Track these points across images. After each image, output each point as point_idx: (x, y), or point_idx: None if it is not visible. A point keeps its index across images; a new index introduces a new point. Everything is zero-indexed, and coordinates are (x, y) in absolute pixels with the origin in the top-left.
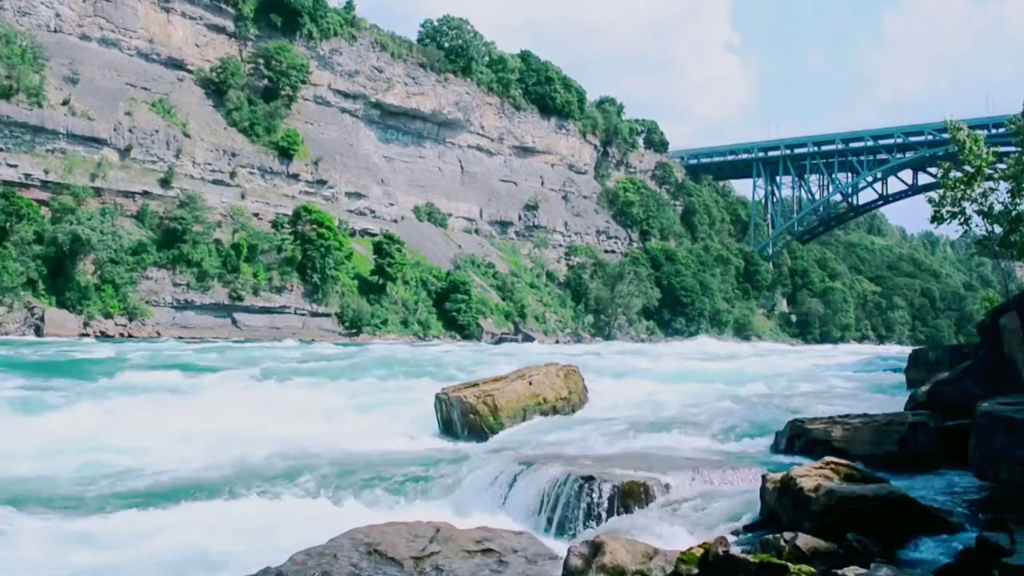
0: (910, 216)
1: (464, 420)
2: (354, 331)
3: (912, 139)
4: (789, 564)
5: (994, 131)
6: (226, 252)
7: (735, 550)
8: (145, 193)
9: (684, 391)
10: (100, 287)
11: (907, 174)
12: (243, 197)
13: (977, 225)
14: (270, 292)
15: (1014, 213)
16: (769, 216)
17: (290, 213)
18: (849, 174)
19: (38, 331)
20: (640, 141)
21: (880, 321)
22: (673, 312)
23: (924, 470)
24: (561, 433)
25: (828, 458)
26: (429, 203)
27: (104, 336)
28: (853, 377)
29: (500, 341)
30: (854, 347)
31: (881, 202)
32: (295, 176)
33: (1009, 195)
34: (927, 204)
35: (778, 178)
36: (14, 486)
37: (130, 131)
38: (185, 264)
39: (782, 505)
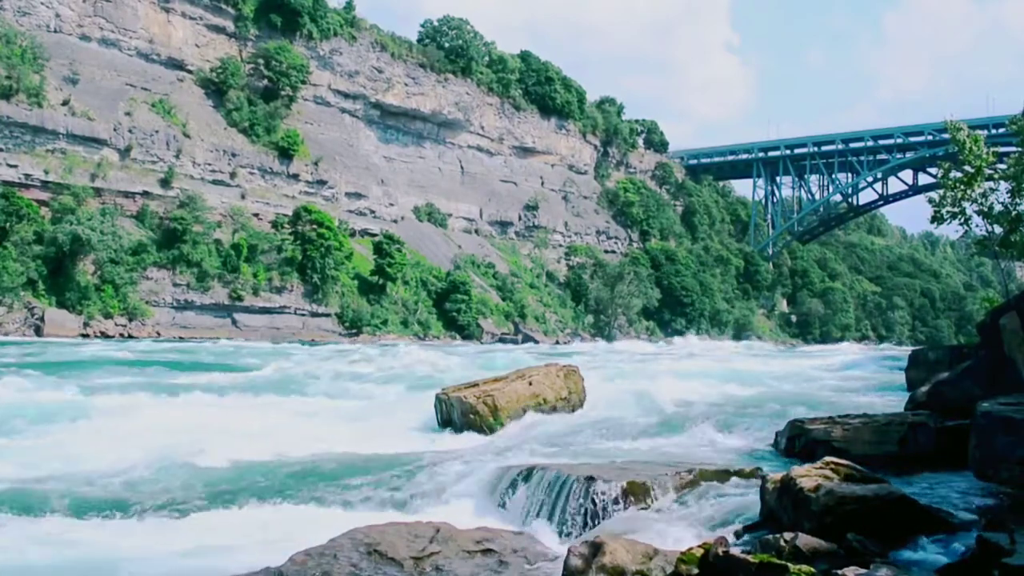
0: (910, 216)
1: (464, 420)
2: (354, 331)
3: (912, 139)
4: (789, 564)
5: (994, 131)
6: (226, 252)
7: (735, 550)
8: (145, 193)
9: (684, 391)
10: (100, 287)
11: (907, 174)
12: (243, 197)
13: (977, 225)
14: (270, 292)
15: (1014, 213)
16: (769, 216)
17: (290, 213)
18: (849, 174)
19: (38, 331)
20: (640, 141)
21: (880, 321)
22: (673, 312)
23: (924, 470)
24: (561, 433)
25: (828, 458)
26: (429, 203)
27: (104, 336)
28: (853, 377)
29: (500, 341)
30: (830, 347)
31: (881, 202)
32: (295, 176)
33: (1009, 195)
34: (927, 204)
35: (778, 178)
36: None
37: (130, 131)
38: (185, 264)
39: (782, 505)
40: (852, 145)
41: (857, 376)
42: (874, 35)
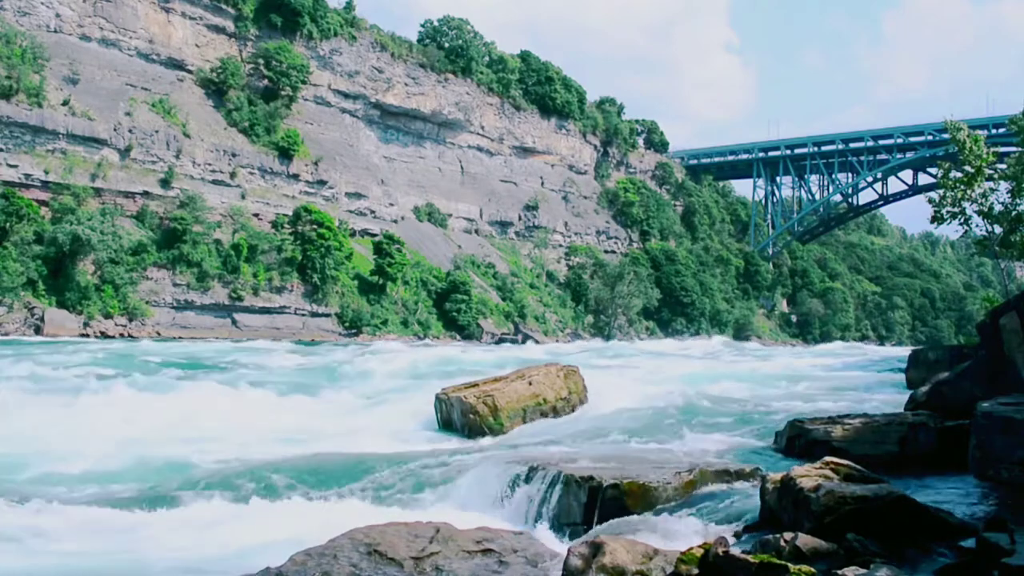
0: (910, 216)
1: (464, 420)
2: (354, 331)
3: (912, 139)
4: (789, 564)
5: (994, 131)
6: (226, 252)
7: (735, 550)
8: (145, 193)
9: (684, 392)
10: (100, 287)
11: (907, 174)
12: (243, 197)
13: (977, 225)
14: (270, 292)
15: (1014, 213)
16: (769, 216)
17: (290, 213)
18: (849, 174)
19: (38, 331)
20: (640, 141)
21: (880, 321)
22: (673, 312)
23: (924, 470)
24: (561, 433)
25: (828, 458)
26: (429, 203)
27: (104, 336)
28: (853, 377)
29: (500, 341)
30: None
31: (881, 202)
32: (295, 176)
33: (1009, 195)
34: (927, 204)
35: (778, 178)
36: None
37: (130, 131)
38: (185, 264)
39: (782, 505)
40: (852, 145)
41: (857, 376)
42: (873, 35)
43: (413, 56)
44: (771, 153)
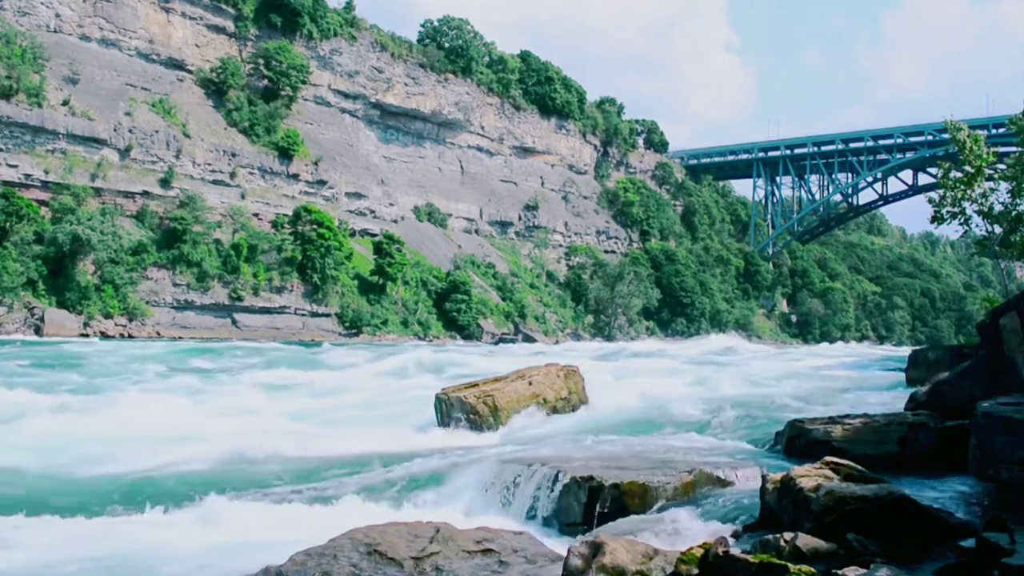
0: (910, 216)
1: (464, 420)
2: (354, 331)
3: (912, 139)
4: (789, 564)
5: (994, 131)
6: (226, 252)
7: (735, 550)
8: (145, 193)
9: (683, 392)
10: (100, 287)
11: (907, 174)
12: (243, 197)
13: (977, 225)
14: (270, 292)
15: (1014, 213)
16: (769, 216)
17: (290, 213)
18: (849, 174)
19: (38, 331)
20: (640, 141)
21: (880, 321)
22: (673, 312)
23: (924, 470)
24: (561, 433)
25: (828, 458)
26: (429, 203)
27: (104, 336)
28: (853, 377)
29: (500, 341)
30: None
31: (881, 202)
32: (295, 176)
33: (1009, 195)
34: (927, 204)
35: (778, 178)
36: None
37: (130, 131)
38: (185, 264)
39: (782, 505)
40: (852, 145)
41: (857, 376)
42: (873, 35)
43: (413, 56)
44: (771, 153)
